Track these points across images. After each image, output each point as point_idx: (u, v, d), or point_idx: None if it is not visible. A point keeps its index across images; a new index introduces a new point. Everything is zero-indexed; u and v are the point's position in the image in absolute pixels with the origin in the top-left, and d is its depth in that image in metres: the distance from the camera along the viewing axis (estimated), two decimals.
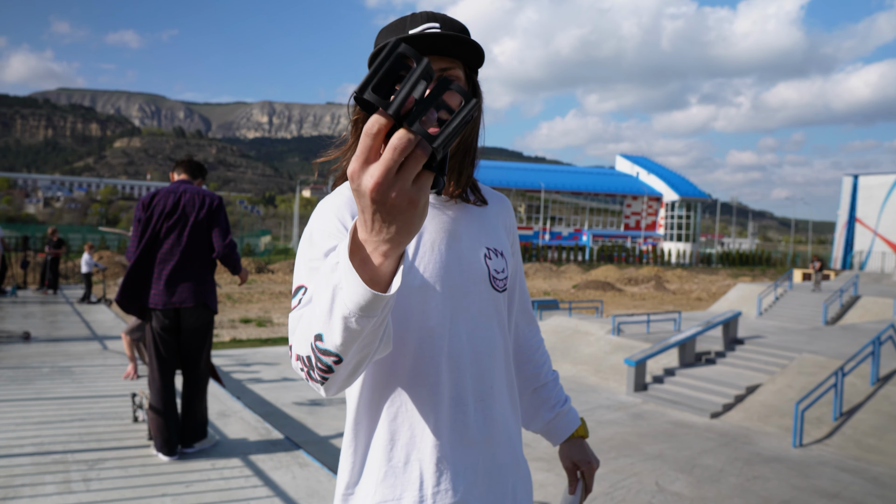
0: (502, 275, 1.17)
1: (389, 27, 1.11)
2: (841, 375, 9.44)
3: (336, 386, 0.91)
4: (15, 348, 7.68)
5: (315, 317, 0.83)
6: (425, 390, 1.08)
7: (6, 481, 3.50)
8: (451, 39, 1.03)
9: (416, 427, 1.07)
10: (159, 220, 3.88)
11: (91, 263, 14.72)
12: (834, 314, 19.30)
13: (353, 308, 0.77)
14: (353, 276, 0.75)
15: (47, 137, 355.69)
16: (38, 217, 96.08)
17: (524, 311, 1.39)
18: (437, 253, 1.11)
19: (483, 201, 1.21)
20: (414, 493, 1.06)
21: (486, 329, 1.14)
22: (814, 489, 7.17)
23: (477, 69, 1.15)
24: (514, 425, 1.20)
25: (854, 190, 39.49)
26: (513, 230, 1.31)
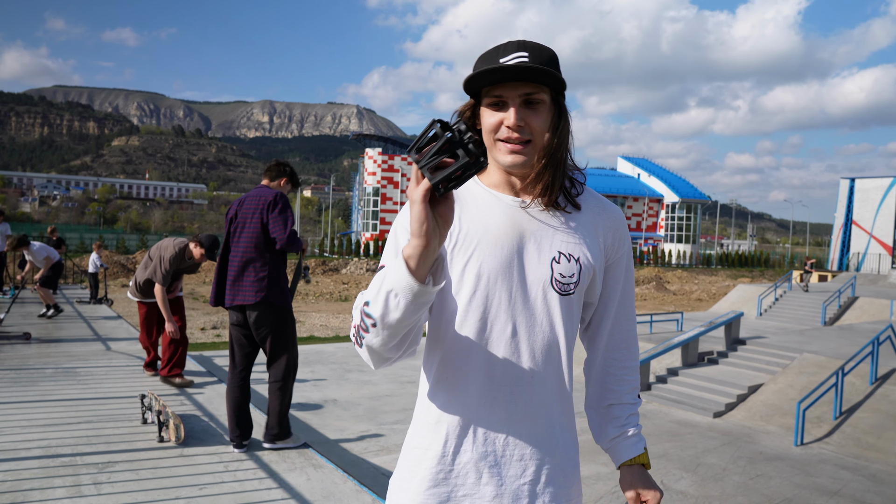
0: (569, 279, 1.28)
1: (485, 56, 1.27)
2: (841, 375, 9.46)
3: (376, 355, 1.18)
4: (16, 349, 7.66)
5: (369, 291, 1.13)
6: (464, 367, 1.26)
7: (14, 485, 3.49)
8: (534, 70, 1.19)
9: (450, 396, 1.28)
10: (229, 225, 4.20)
11: (97, 264, 14.69)
12: (832, 315, 19.35)
13: (393, 285, 1.07)
14: (401, 265, 1.06)
15: (43, 135, 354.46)
16: (34, 216, 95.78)
17: (620, 333, 1.42)
18: (500, 248, 1.26)
19: (576, 207, 1.32)
20: (439, 447, 1.28)
21: (536, 325, 1.27)
22: (815, 487, 7.19)
23: (562, 92, 1.30)
24: (558, 417, 1.32)
25: (850, 193, 39.69)
26: (613, 241, 1.35)
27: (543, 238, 1.28)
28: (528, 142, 1.24)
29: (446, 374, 1.28)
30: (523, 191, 1.31)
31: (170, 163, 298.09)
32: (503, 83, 1.22)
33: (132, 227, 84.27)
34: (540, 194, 1.29)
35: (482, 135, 1.28)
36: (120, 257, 35.05)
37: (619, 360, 1.43)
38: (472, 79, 1.21)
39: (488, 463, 1.26)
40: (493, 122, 1.24)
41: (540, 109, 1.24)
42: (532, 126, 1.23)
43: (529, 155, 1.24)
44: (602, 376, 1.43)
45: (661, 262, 59.35)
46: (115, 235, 50.95)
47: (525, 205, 1.30)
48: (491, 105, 1.25)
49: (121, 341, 8.66)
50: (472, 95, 1.29)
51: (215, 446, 4.25)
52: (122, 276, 30.54)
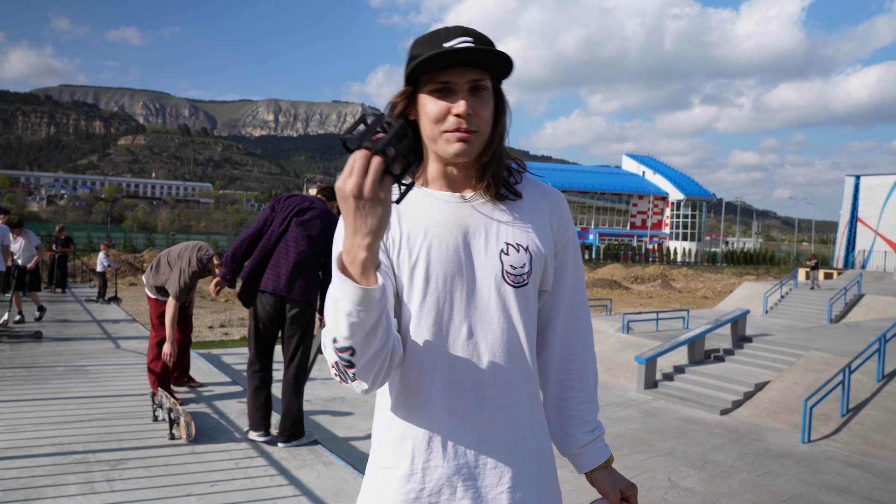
0: (521, 270, 1.21)
1: (424, 40, 1.18)
2: (848, 372, 9.45)
3: (368, 379, 1.09)
4: (27, 347, 7.72)
5: (328, 325, 1.04)
6: (423, 376, 1.18)
7: (28, 482, 3.53)
8: (485, 54, 1.12)
9: (412, 408, 1.20)
10: (288, 217, 4.23)
11: (104, 263, 14.77)
12: (838, 312, 19.28)
13: (351, 306, 0.98)
14: (345, 281, 0.97)
15: (50, 135, 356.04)
16: (42, 215, 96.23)
17: (577, 323, 1.36)
18: (445, 247, 1.19)
19: (517, 195, 1.25)
20: (406, 464, 1.19)
21: (493, 322, 1.20)
22: (822, 484, 7.20)
23: (502, 80, 1.23)
24: (528, 418, 1.25)
25: (856, 190, 39.52)
26: (559, 226, 1.30)
27: (489, 231, 1.22)
28: (476, 132, 1.16)
29: (406, 386, 1.20)
30: (461, 185, 1.25)
31: (176, 161, 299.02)
32: (450, 69, 1.14)
33: (139, 226, 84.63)
34: (482, 187, 1.23)
35: (423, 124, 1.20)
36: (127, 256, 35.20)
37: (578, 354, 1.35)
38: (421, 63, 1.12)
39: (462, 476, 1.19)
40: (438, 110, 1.15)
41: (486, 97, 1.17)
42: (480, 115, 1.16)
43: (476, 145, 1.17)
44: (562, 374, 1.35)
45: (667, 260, 59.22)
46: (122, 234, 51.17)
47: (466, 199, 1.23)
48: (435, 92, 1.16)
49: (130, 339, 8.72)
50: (410, 83, 1.19)
51: (226, 443, 4.29)
52: (129, 274, 30.67)
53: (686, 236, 66.51)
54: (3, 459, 3.84)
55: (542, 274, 1.26)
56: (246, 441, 4.35)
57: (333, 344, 1.04)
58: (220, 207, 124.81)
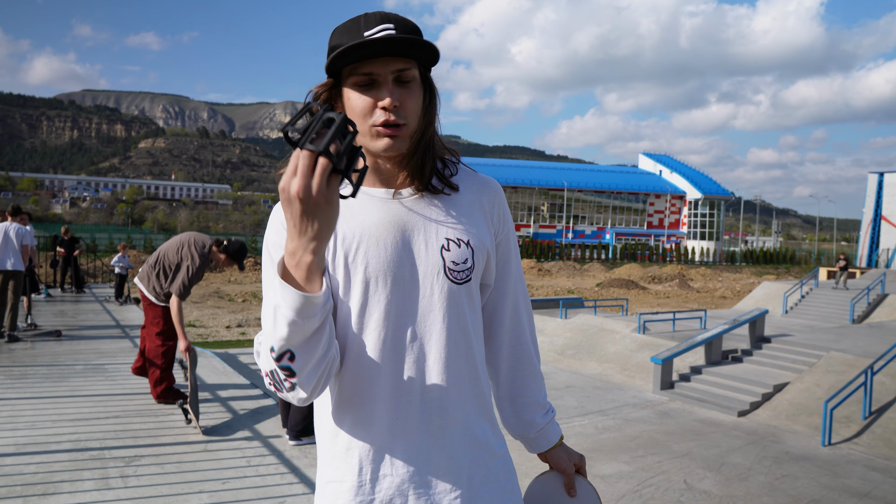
0: (463, 265, 1.16)
1: (344, 28, 1.12)
2: (870, 374, 9.29)
3: (308, 388, 1.02)
4: (48, 346, 7.84)
5: (265, 335, 0.98)
6: (366, 381, 1.13)
7: (45, 477, 3.59)
8: (407, 42, 1.06)
9: (357, 416, 1.14)
10: None
11: (118, 264, 14.92)
12: (861, 312, 19.00)
13: (293, 314, 0.93)
14: (287, 289, 0.91)
15: (73, 138, 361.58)
16: (66, 217, 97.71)
17: (521, 314, 1.34)
18: (383, 246, 1.13)
19: (453, 188, 1.21)
20: (354, 476, 1.13)
21: (438, 321, 1.15)
22: (843, 488, 7.08)
23: (430, 67, 1.18)
24: (477, 417, 1.21)
25: (879, 187, 38.89)
26: (499, 217, 1.25)
27: (427, 227, 1.16)
28: (403, 125, 1.11)
29: (348, 394, 1.14)
30: (393, 180, 1.19)
31: (195, 164, 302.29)
32: (372, 59, 1.08)
33: (159, 227, 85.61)
34: (412, 180, 1.18)
35: None
36: (147, 256, 35.62)
37: (525, 343, 1.33)
38: (339, 55, 1.05)
39: (413, 483, 1.13)
40: (364, 105, 1.10)
41: (413, 88, 1.12)
42: (407, 107, 1.11)
43: (405, 139, 1.12)
44: (512, 364, 1.32)
45: (685, 260, 58.72)
46: (142, 235, 51.78)
47: (401, 195, 1.18)
48: (358, 85, 1.10)
49: None
50: (332, 74, 1.14)
51: (238, 441, 4.33)
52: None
53: (704, 235, 65.91)
54: (23, 455, 3.91)
55: (485, 268, 1.23)
56: (258, 439, 4.39)
57: (271, 353, 0.98)
58: (238, 209, 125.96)
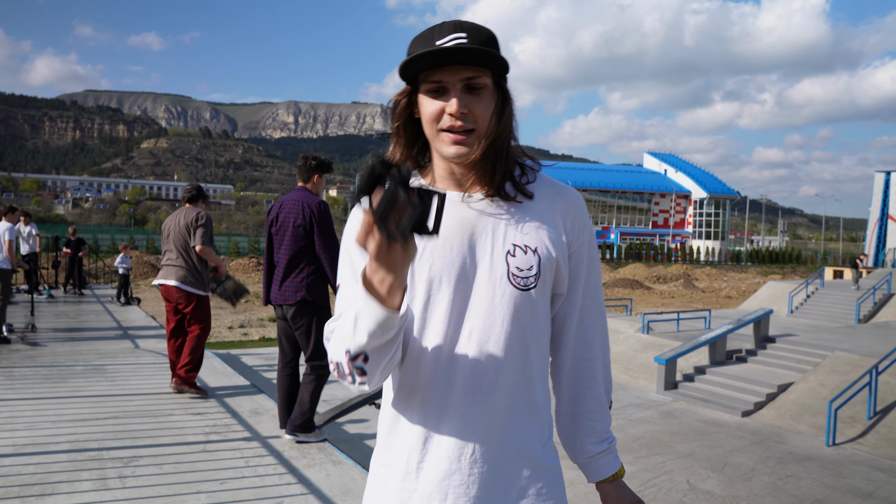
0: (527, 272, 1.18)
1: (420, 37, 1.17)
2: (875, 374, 9.24)
3: (373, 383, 1.10)
4: (48, 347, 7.84)
5: (343, 338, 1.06)
6: (423, 376, 1.17)
7: (44, 477, 3.57)
8: (473, 52, 1.09)
9: (412, 408, 1.19)
10: (270, 227, 4.40)
11: (121, 264, 14.91)
12: (867, 312, 18.92)
13: (374, 326, 1.00)
14: (371, 303, 0.98)
15: (75, 139, 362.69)
16: (68, 218, 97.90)
17: (590, 330, 1.31)
18: (448, 247, 1.17)
19: (527, 195, 1.22)
20: (403, 463, 1.19)
21: (496, 325, 1.17)
22: (847, 488, 7.03)
23: (504, 75, 1.20)
24: (527, 426, 1.21)
25: (886, 186, 38.79)
26: (574, 228, 1.25)
27: (495, 232, 1.18)
28: (472, 130, 1.14)
29: (408, 385, 1.20)
30: (467, 184, 1.22)
31: (197, 164, 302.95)
32: (442, 67, 1.12)
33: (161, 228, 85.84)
34: (484, 185, 1.20)
35: (424, 124, 1.19)
36: (150, 257, 35.69)
37: (591, 361, 1.31)
38: (408, 63, 1.12)
39: (454, 482, 1.16)
40: (434, 110, 1.15)
41: (483, 95, 1.15)
42: (475, 113, 1.14)
43: (473, 144, 1.15)
44: (574, 380, 1.31)
45: (690, 260, 58.60)
46: (145, 236, 51.88)
47: (472, 199, 1.21)
48: (430, 92, 1.15)
49: (149, 339, 8.81)
50: (409, 82, 1.19)
51: (237, 442, 4.30)
52: (151, 275, 31.07)
53: (709, 235, 65.80)
54: (22, 455, 3.90)
55: (555, 277, 1.22)
56: (257, 440, 4.36)
57: (346, 354, 1.06)
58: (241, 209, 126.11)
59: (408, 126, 1.23)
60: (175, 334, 5.59)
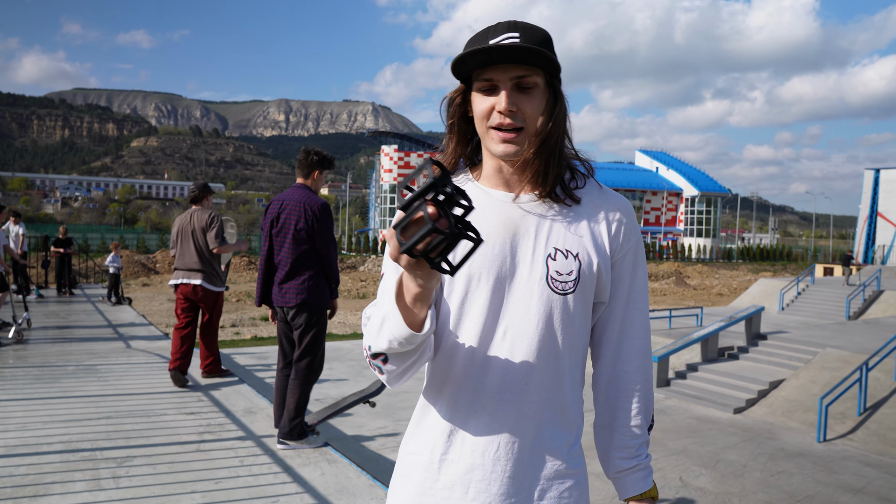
0: (567, 277, 1.17)
1: (475, 37, 1.18)
2: (865, 370, 9.31)
3: (393, 382, 1.16)
4: (38, 347, 7.78)
5: (369, 334, 1.11)
6: (455, 371, 1.19)
7: (37, 478, 3.54)
8: (522, 50, 1.11)
9: (440, 401, 1.21)
10: (271, 227, 4.28)
11: (111, 264, 14.82)
12: (857, 309, 19.07)
13: (394, 337, 1.04)
14: (398, 317, 1.02)
15: (64, 137, 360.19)
16: (57, 217, 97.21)
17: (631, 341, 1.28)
18: (490, 246, 1.18)
19: (574, 200, 1.21)
20: (427, 453, 1.22)
21: (531, 326, 1.17)
22: (838, 484, 7.09)
23: (557, 75, 1.20)
24: (554, 430, 1.20)
25: (875, 184, 39.08)
26: (620, 236, 1.23)
27: (538, 234, 1.18)
28: (521, 129, 1.15)
29: (440, 378, 1.21)
30: (516, 183, 1.22)
31: (188, 163, 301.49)
32: (493, 65, 1.14)
33: (152, 227, 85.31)
34: (532, 186, 1.20)
35: (475, 121, 1.20)
36: (140, 257, 35.48)
37: (629, 374, 1.27)
38: (460, 61, 1.14)
39: (475, 477, 1.17)
40: (485, 107, 1.16)
41: (533, 94, 1.15)
42: (525, 112, 1.15)
43: (522, 143, 1.16)
44: (611, 392, 1.28)
45: (681, 257, 58.86)
46: (135, 235, 51.58)
47: (517, 200, 1.21)
48: (482, 90, 1.16)
49: (140, 339, 8.76)
50: (463, 80, 1.21)
51: (231, 441, 4.29)
52: (142, 275, 30.91)
53: (701, 232, 66.13)
54: (14, 456, 3.87)
55: (597, 284, 1.21)
56: (251, 439, 4.35)
57: (367, 350, 1.12)
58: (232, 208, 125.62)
59: (462, 123, 1.25)
60: (184, 328, 6.00)
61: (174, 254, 6.13)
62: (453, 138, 1.26)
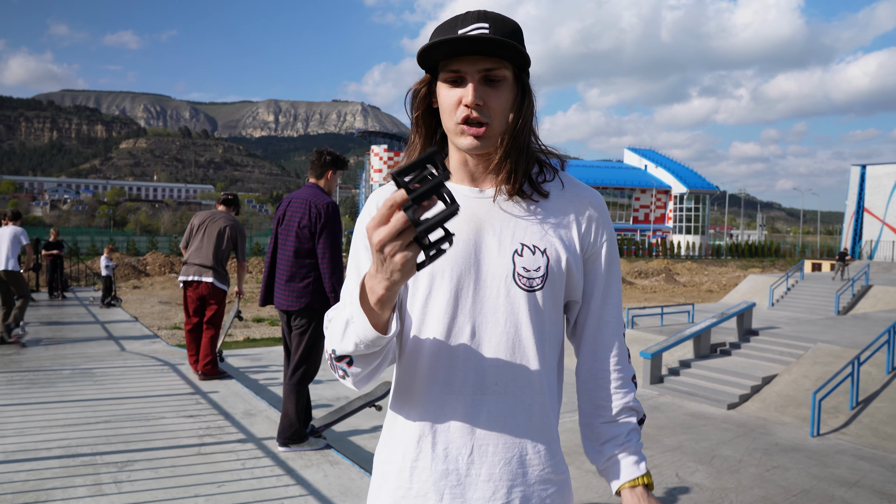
0: (534, 273, 1.13)
1: (442, 26, 1.13)
2: (857, 364, 9.41)
3: (357, 384, 1.12)
4: (33, 351, 7.73)
5: (333, 336, 1.07)
6: (420, 373, 1.15)
7: (37, 484, 3.52)
8: (492, 42, 1.05)
9: (409, 406, 1.17)
10: (277, 225, 4.21)
11: (106, 266, 14.74)
12: (846, 304, 19.23)
13: (359, 340, 1.01)
14: (362, 319, 0.99)
15: (52, 140, 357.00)
16: (46, 220, 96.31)
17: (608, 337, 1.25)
18: (455, 243, 1.12)
19: (542, 194, 1.17)
20: (398, 461, 1.17)
21: (499, 325, 1.13)
22: (833, 478, 7.16)
23: (526, 69, 1.16)
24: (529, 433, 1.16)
25: (862, 180, 39.40)
26: (591, 231, 1.20)
27: (504, 229, 1.14)
28: (488, 124, 1.11)
29: (405, 382, 1.17)
30: (481, 179, 1.19)
31: (177, 164, 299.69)
32: (461, 56, 1.08)
33: (142, 229, 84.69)
34: (501, 182, 1.16)
35: (441, 114, 1.15)
36: (130, 259, 35.24)
37: (608, 370, 1.24)
38: (427, 51, 1.08)
39: (450, 483, 1.12)
40: (451, 100, 1.11)
41: (501, 87, 1.11)
42: (491, 106, 1.10)
43: (489, 138, 1.12)
44: (592, 387, 1.25)
45: (671, 254, 59.12)
46: (125, 237, 51.21)
47: (483, 194, 1.17)
48: (448, 81, 1.11)
49: (135, 341, 8.72)
50: (429, 70, 1.16)
51: (232, 444, 4.28)
52: (132, 277, 30.70)
53: (690, 230, 66.42)
54: (12, 462, 3.84)
55: (567, 282, 1.18)
56: (252, 441, 4.34)
57: (332, 354, 1.08)
58: None
59: (427, 116, 1.20)
60: (196, 329, 6.26)
61: (187, 247, 6.19)
62: (420, 132, 1.20)
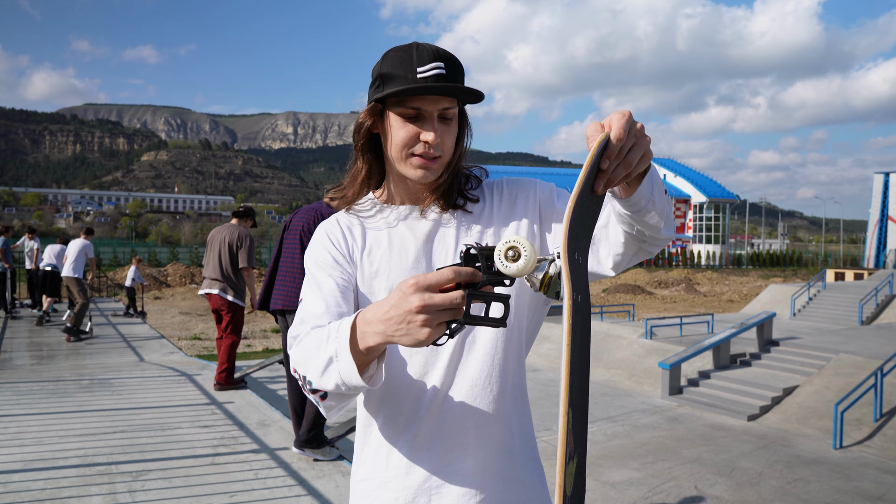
0: None
1: (396, 57, 1.14)
2: (880, 375, 9.22)
3: (333, 414, 1.09)
4: (53, 361, 7.84)
5: (310, 368, 1.01)
6: (388, 388, 1.16)
7: (54, 493, 3.57)
8: (459, 90, 1.11)
9: (377, 421, 1.18)
10: (283, 232, 4.36)
11: (132, 278, 14.92)
12: (869, 314, 18.88)
13: (342, 384, 0.97)
14: (351, 364, 0.94)
15: (76, 153, 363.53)
16: (69, 232, 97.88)
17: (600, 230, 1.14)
18: (404, 256, 1.19)
19: (473, 201, 1.24)
20: (380, 473, 1.17)
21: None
22: (856, 491, 7.01)
23: (469, 104, 1.22)
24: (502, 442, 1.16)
25: (885, 188, 38.87)
26: (529, 202, 1.23)
27: (447, 237, 1.21)
28: (439, 157, 1.16)
29: (374, 398, 1.19)
30: (420, 198, 1.24)
31: (198, 176, 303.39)
32: (423, 95, 1.12)
33: (163, 240, 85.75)
34: (441, 199, 1.22)
35: (389, 145, 1.17)
36: (152, 270, 35.68)
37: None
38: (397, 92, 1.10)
39: (421, 501, 1.13)
40: (407, 134, 1.13)
41: (452, 125, 1.17)
42: (445, 141, 1.15)
43: (438, 170, 1.17)
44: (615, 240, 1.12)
45: (691, 264, 58.57)
46: (146, 248, 51.89)
47: (424, 212, 1.23)
48: (405, 116, 1.14)
49: (154, 353, 8.80)
50: (378, 100, 1.16)
51: (245, 454, 4.30)
52: (154, 288, 31.05)
53: (710, 239, 65.80)
54: (31, 471, 3.89)
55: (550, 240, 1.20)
56: (265, 452, 4.36)
57: (307, 384, 1.02)
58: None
59: (370, 143, 1.23)
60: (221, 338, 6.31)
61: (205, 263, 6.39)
62: (365, 158, 1.23)
